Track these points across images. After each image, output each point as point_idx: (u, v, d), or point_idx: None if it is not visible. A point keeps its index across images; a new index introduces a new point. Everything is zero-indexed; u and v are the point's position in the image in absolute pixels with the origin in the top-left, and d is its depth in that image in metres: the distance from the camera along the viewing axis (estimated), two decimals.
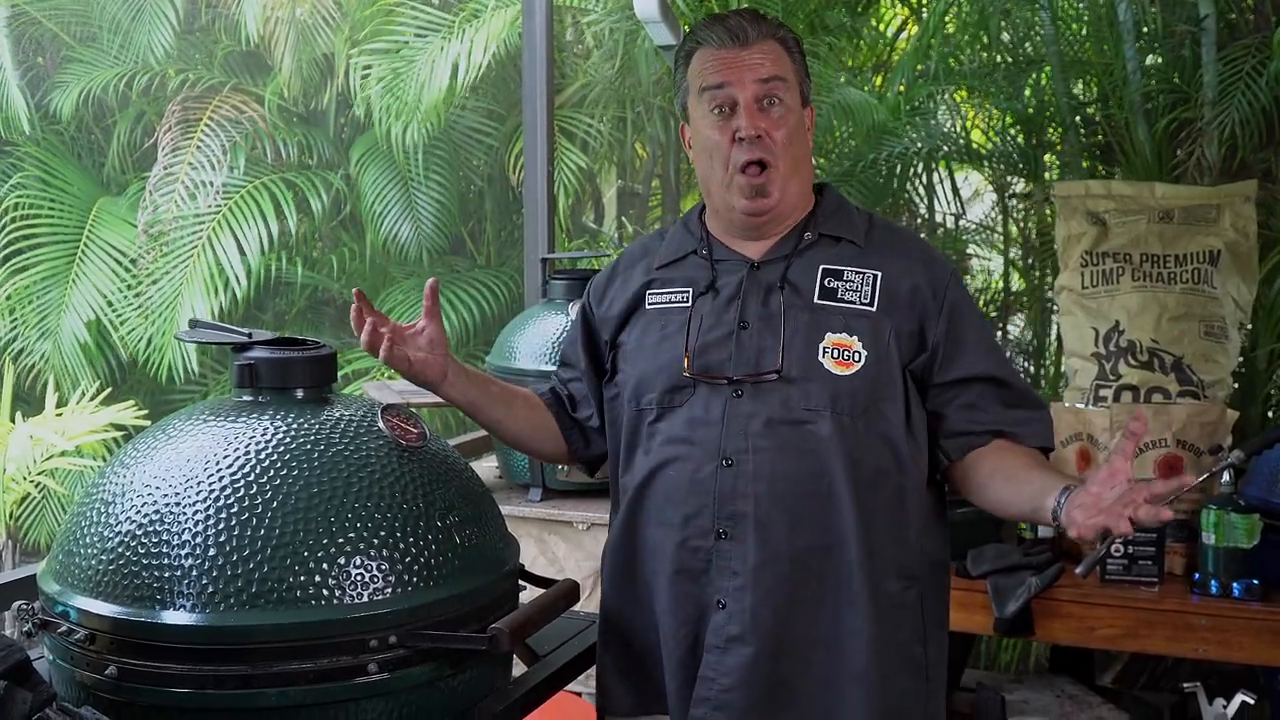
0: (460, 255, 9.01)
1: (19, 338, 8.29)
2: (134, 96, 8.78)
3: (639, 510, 2.11)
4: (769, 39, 2.07)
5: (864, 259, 2.09)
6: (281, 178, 8.48)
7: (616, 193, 9.06)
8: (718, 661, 2.02)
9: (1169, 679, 4.34)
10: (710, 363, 2.06)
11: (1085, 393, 3.51)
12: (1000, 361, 2.13)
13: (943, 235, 6.14)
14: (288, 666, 1.63)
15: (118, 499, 1.73)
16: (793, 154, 2.07)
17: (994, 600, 3.05)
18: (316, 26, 8.61)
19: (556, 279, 3.67)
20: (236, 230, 8.12)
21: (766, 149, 2.03)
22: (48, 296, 8.29)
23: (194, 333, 1.96)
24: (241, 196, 8.22)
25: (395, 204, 8.40)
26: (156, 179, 8.14)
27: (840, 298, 2.05)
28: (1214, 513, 2.99)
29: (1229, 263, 3.53)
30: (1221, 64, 4.50)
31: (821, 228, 2.12)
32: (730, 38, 2.05)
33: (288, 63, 8.60)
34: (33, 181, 8.53)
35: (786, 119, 2.05)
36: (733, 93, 2.04)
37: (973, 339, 2.09)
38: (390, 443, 1.83)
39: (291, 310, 9.24)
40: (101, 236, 8.37)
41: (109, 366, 8.36)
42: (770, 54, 2.06)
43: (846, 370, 2.00)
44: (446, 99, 7.87)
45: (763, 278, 2.09)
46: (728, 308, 2.08)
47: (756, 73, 2.04)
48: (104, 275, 8.25)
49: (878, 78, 6.28)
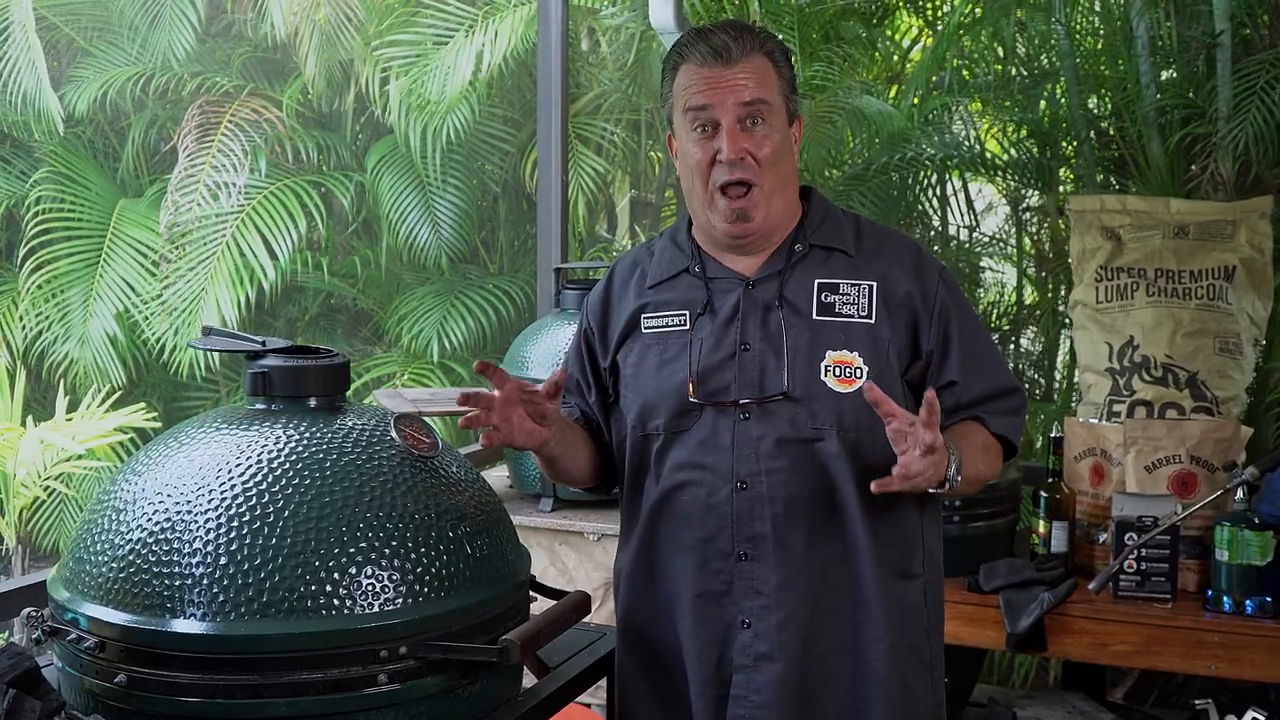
0: (474, 264, 9.01)
1: (43, 335, 8.30)
2: (149, 100, 8.81)
3: (654, 535, 2.11)
4: (755, 54, 2.02)
5: (858, 269, 2.08)
6: (307, 180, 8.49)
7: (630, 202, 9.06)
8: (748, 680, 2.04)
9: (1179, 695, 4.33)
10: (715, 386, 2.06)
11: (1099, 408, 3.50)
12: (987, 365, 2.13)
13: (956, 247, 6.13)
14: (298, 676, 1.62)
15: (129, 506, 1.73)
16: (777, 171, 2.04)
17: (1006, 616, 3.03)
18: (340, 27, 8.61)
19: (570, 289, 3.67)
20: (263, 228, 8.12)
21: (749, 169, 2.01)
22: (72, 293, 8.30)
23: (208, 341, 1.95)
24: (265, 196, 8.23)
25: (414, 208, 8.40)
26: (179, 179, 8.15)
27: (839, 312, 2.05)
28: (1228, 529, 2.98)
29: (1244, 279, 3.52)
30: (1236, 79, 4.49)
31: (812, 239, 2.10)
32: (714, 56, 2.01)
33: (311, 64, 8.59)
34: (57, 179, 8.55)
35: (770, 138, 2.03)
36: (715, 115, 2.01)
37: (962, 343, 2.10)
38: (403, 452, 1.82)
39: (304, 317, 9.24)
40: (127, 233, 8.39)
41: (135, 362, 8.36)
42: (755, 72, 2.02)
43: (849, 388, 2.00)
44: (467, 93, 7.86)
45: (759, 296, 2.07)
46: (727, 329, 2.07)
47: (739, 95, 2.00)
48: (131, 271, 8.26)
49: (892, 89, 6.27)
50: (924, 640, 2.11)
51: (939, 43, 5.39)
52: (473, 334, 8.19)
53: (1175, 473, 3.21)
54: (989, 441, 2.10)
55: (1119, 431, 3.27)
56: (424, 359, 8.16)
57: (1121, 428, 3.28)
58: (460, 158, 8.46)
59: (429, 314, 8.27)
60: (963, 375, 2.08)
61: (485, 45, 7.60)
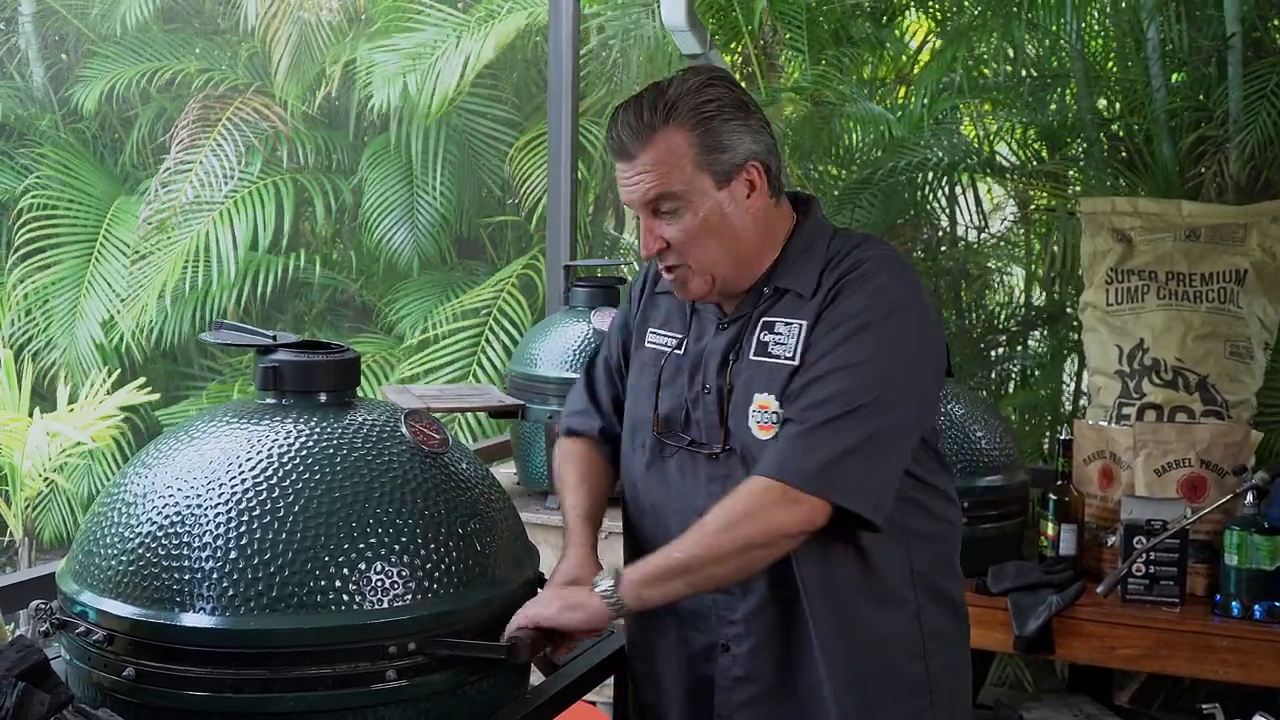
0: (480, 259, 9.01)
1: (36, 337, 8.32)
2: (154, 93, 8.81)
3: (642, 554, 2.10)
4: (655, 140, 1.91)
5: (798, 308, 1.98)
6: (291, 178, 8.49)
7: None
8: (727, 700, 2.05)
9: (1185, 699, 4.32)
10: (674, 427, 2.06)
11: (1108, 411, 3.49)
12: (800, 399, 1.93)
13: (964, 249, 6.12)
14: (306, 671, 1.62)
15: (139, 500, 1.73)
16: (703, 249, 1.96)
17: (1014, 618, 3.02)
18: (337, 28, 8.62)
19: (578, 286, 3.66)
20: (235, 222, 8.15)
21: (669, 256, 1.98)
22: (64, 296, 8.32)
23: (219, 334, 1.95)
24: (247, 193, 8.25)
25: (397, 208, 8.40)
26: (166, 173, 8.16)
27: (770, 353, 1.98)
28: (1237, 534, 2.97)
29: (1255, 282, 3.51)
30: (1247, 82, 4.48)
31: (778, 280, 2.02)
32: (617, 152, 1.96)
33: (284, 65, 8.59)
34: (51, 181, 8.56)
35: (683, 223, 1.94)
36: (634, 208, 2.00)
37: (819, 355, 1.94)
38: (412, 448, 1.82)
39: (311, 311, 9.25)
40: (118, 236, 8.40)
41: (122, 366, 8.39)
42: (658, 162, 1.92)
43: (768, 434, 1.94)
44: (456, 95, 7.86)
45: (723, 339, 2.04)
46: (695, 372, 2.05)
47: (640, 193, 1.94)
48: (119, 275, 8.27)
49: (901, 89, 6.26)
50: (916, 662, 2.05)
51: (948, 43, 5.38)
52: None
53: (1185, 476, 3.20)
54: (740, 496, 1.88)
55: (1128, 435, 3.27)
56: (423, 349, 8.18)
57: (1131, 431, 3.28)
58: (454, 156, 8.45)
59: (424, 306, 8.27)
60: (789, 404, 1.93)
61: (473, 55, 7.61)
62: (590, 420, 2.26)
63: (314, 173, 8.72)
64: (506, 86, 8.62)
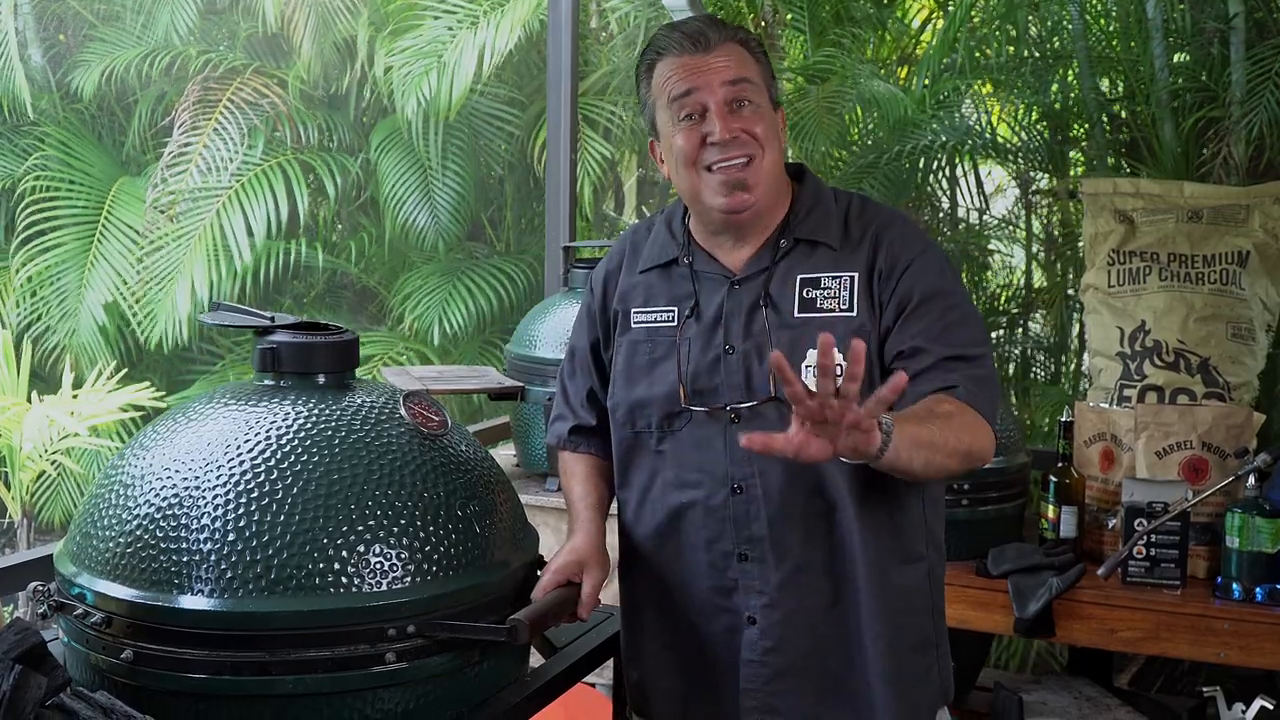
0: (480, 242, 8.99)
1: (40, 319, 8.30)
2: (155, 76, 8.78)
3: (663, 536, 2.11)
4: (730, 42, 2.01)
5: (842, 261, 2.02)
6: (298, 159, 8.47)
7: (637, 181, 9.04)
8: (755, 674, 2.05)
9: (1186, 682, 4.32)
10: (704, 390, 2.04)
11: (1109, 392, 3.48)
12: (955, 329, 1.99)
13: (965, 230, 6.11)
14: (305, 654, 1.61)
15: (137, 482, 1.72)
16: (773, 147, 2.01)
17: (1015, 600, 3.02)
18: (337, 11, 8.58)
19: (578, 267, 3.65)
20: (246, 207, 8.11)
21: (746, 144, 1.98)
22: (67, 278, 8.30)
23: (217, 315, 1.94)
24: (255, 175, 8.22)
25: (414, 191, 8.39)
26: (171, 155, 8.13)
27: (820, 307, 2.00)
28: (1238, 516, 2.96)
29: (1257, 264, 3.49)
30: (1250, 63, 4.46)
31: (797, 232, 2.05)
32: (691, 44, 1.99)
33: (307, 47, 8.58)
34: (53, 162, 8.53)
35: (761, 116, 2.00)
36: (702, 98, 1.98)
37: (923, 303, 1.98)
38: (411, 430, 1.81)
39: (310, 294, 9.23)
40: (120, 217, 8.38)
41: (125, 348, 8.37)
42: (733, 57, 2.00)
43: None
44: (470, 89, 7.85)
45: (743, 296, 2.04)
46: (713, 332, 2.05)
47: (723, 75, 1.98)
48: (122, 257, 8.25)
49: (902, 70, 6.24)
50: (928, 622, 2.10)
51: (950, 24, 5.36)
52: (473, 319, 8.18)
53: (1186, 458, 3.19)
54: (956, 409, 1.91)
55: (1130, 417, 3.26)
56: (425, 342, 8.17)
57: (1132, 413, 3.27)
58: (463, 140, 8.44)
59: (433, 291, 8.26)
60: (925, 340, 1.96)
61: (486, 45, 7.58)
62: (585, 424, 2.26)
63: (315, 152, 8.70)
64: (508, 67, 8.59)
